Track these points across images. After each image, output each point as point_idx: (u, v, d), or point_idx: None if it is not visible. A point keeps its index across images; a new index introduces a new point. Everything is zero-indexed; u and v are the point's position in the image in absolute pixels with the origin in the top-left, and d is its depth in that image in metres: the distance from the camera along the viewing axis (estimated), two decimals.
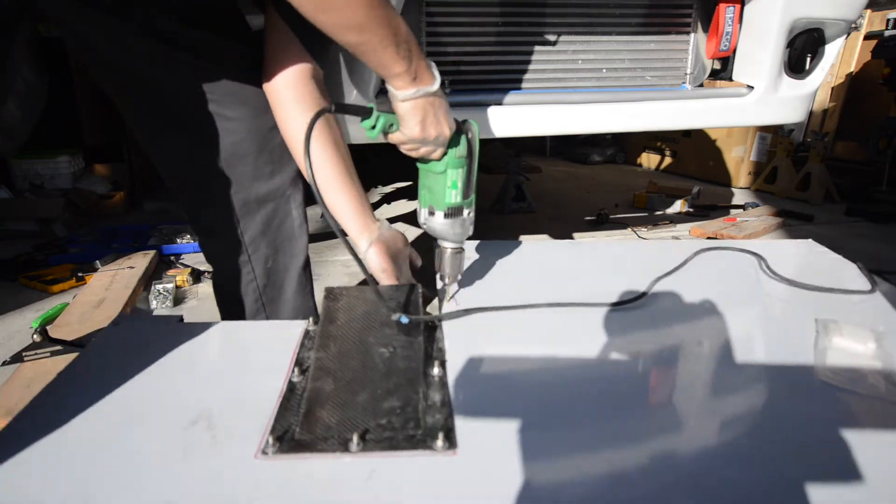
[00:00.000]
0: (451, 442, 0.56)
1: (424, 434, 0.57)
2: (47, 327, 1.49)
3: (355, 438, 0.55)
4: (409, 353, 0.70)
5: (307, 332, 0.78)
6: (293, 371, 0.69)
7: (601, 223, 2.85)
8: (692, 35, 1.48)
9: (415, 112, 0.77)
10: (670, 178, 4.26)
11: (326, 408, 0.61)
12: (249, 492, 0.51)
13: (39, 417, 0.61)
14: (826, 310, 0.86)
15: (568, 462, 0.55)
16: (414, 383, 0.64)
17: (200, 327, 0.81)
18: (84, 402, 0.63)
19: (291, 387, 0.66)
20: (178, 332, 0.80)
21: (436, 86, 0.78)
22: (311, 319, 0.80)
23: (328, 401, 0.62)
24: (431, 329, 0.79)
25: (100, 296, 1.78)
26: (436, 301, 0.90)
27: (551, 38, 1.38)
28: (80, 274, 2.08)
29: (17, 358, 1.41)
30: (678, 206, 3.24)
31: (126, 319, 0.84)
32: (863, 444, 0.56)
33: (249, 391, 0.65)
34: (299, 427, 0.58)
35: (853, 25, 1.59)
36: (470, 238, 0.91)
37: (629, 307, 0.86)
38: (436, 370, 0.68)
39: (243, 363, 0.73)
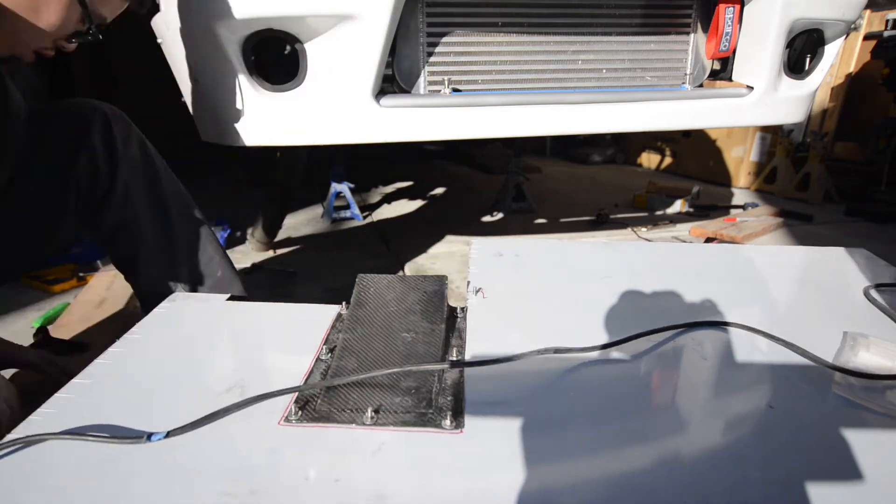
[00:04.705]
0: (458, 422, 0.59)
1: (435, 413, 0.61)
2: (48, 327, 1.50)
3: (369, 412, 0.59)
4: (430, 339, 0.74)
5: (339, 315, 0.84)
6: (322, 350, 0.74)
7: (601, 223, 2.85)
8: (692, 35, 1.49)
9: None
10: (670, 178, 4.26)
11: (347, 383, 0.65)
12: (270, 454, 0.55)
13: (105, 370, 0.69)
14: (849, 319, 0.84)
15: (567, 455, 0.56)
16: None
17: (245, 307, 0.89)
18: (137, 365, 0.71)
19: (319, 363, 0.72)
20: (225, 309, 0.88)
21: None
22: (343, 304, 0.86)
23: (349, 377, 0.66)
24: (455, 319, 0.84)
25: (101, 296, 1.78)
26: (463, 290, 0.93)
27: (551, 38, 1.38)
28: (81, 274, 2.08)
29: None
30: (678, 206, 3.24)
31: (179, 296, 0.93)
32: (863, 448, 0.56)
33: (281, 365, 0.72)
34: (321, 399, 0.63)
35: (852, 26, 1.60)
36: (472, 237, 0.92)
37: (633, 306, 0.86)
38: (454, 357, 0.72)
39: (279, 341, 0.80)
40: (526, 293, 0.91)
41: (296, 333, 0.80)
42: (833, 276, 1.05)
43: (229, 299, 0.90)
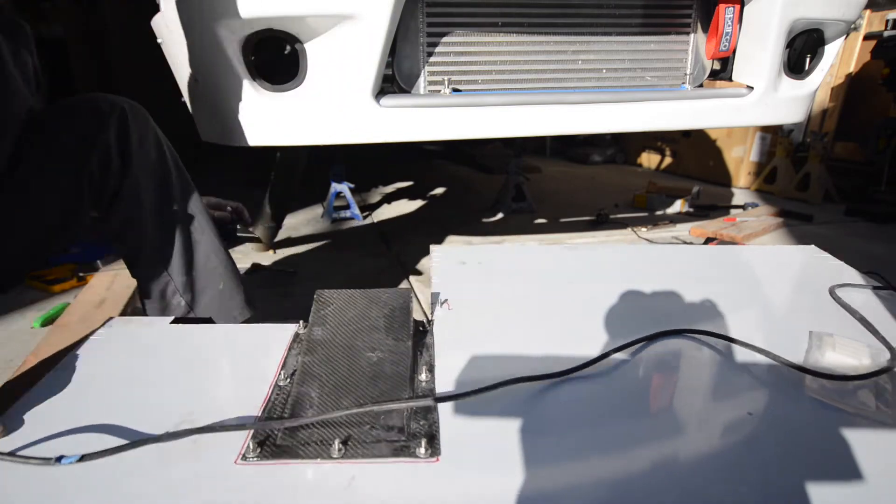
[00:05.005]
0: (434, 449, 0.55)
1: (407, 440, 0.56)
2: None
3: (336, 444, 0.55)
4: (396, 357, 0.69)
5: (297, 336, 0.77)
6: (280, 375, 0.68)
7: (601, 223, 2.85)
8: (692, 35, 1.49)
9: None
10: (670, 178, 4.26)
11: (310, 413, 0.60)
12: (227, 500, 0.49)
13: (18, 419, 0.59)
14: (822, 319, 0.85)
15: (552, 474, 0.54)
16: (400, 389, 0.64)
17: (191, 330, 0.80)
18: (66, 405, 0.62)
19: (277, 391, 0.65)
20: (169, 334, 0.79)
21: None
22: (301, 323, 0.80)
23: (312, 406, 0.61)
24: (421, 334, 0.79)
25: (101, 295, 1.78)
26: (427, 305, 0.90)
27: (551, 38, 1.38)
28: (81, 274, 2.08)
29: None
30: (678, 206, 3.24)
31: (117, 321, 0.83)
32: (851, 456, 0.56)
33: (236, 395, 0.64)
34: (281, 432, 0.57)
35: (852, 26, 1.60)
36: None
37: (598, 313, 0.85)
38: (423, 375, 0.68)
39: (232, 366, 0.71)
40: (492, 303, 0.88)
41: (250, 358, 0.73)
42: (790, 276, 1.05)
43: (173, 322, 0.83)
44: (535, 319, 0.84)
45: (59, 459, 0.52)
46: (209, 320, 1.08)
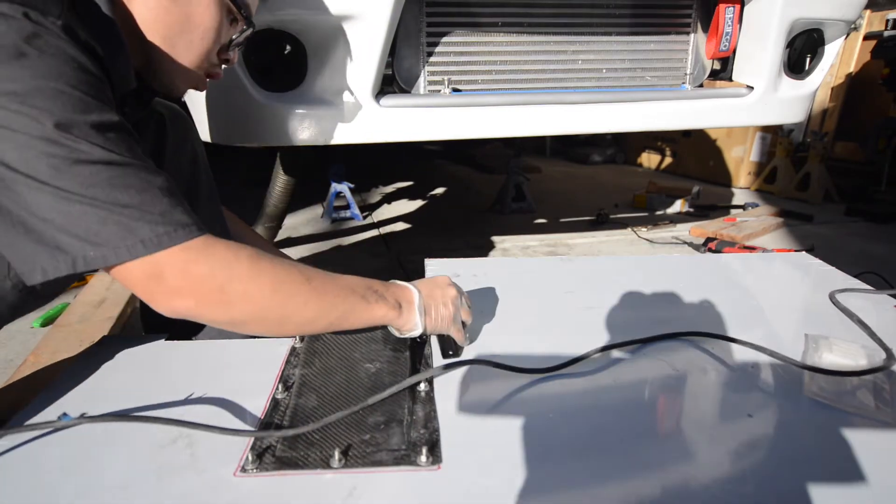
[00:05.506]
0: (435, 457, 0.55)
1: (408, 449, 0.56)
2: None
3: (336, 454, 0.54)
4: (395, 368, 0.70)
5: (293, 349, 0.78)
6: (277, 388, 0.68)
7: (601, 223, 2.85)
8: (692, 35, 1.49)
9: (427, 318, 0.74)
10: (670, 178, 4.26)
11: (309, 423, 0.59)
12: None
13: (17, 435, 0.59)
14: (818, 323, 0.85)
15: (556, 479, 0.53)
16: (399, 398, 0.64)
17: (186, 346, 0.80)
18: (63, 422, 0.61)
19: (275, 403, 0.65)
20: (163, 351, 0.79)
21: (415, 296, 0.73)
22: (297, 337, 0.79)
23: (311, 417, 0.61)
24: (419, 344, 0.79)
25: (101, 296, 1.78)
26: None
27: (551, 38, 1.38)
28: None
29: None
30: (678, 206, 3.24)
31: (111, 340, 0.82)
32: (851, 456, 0.56)
33: (233, 409, 0.64)
34: (280, 443, 0.57)
35: (852, 26, 1.60)
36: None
37: (597, 321, 0.86)
38: (422, 385, 0.68)
39: (228, 381, 0.71)
40: (487, 314, 0.88)
41: (246, 372, 0.73)
42: (782, 283, 1.05)
43: (168, 338, 0.82)
44: (533, 329, 0.84)
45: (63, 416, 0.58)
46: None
